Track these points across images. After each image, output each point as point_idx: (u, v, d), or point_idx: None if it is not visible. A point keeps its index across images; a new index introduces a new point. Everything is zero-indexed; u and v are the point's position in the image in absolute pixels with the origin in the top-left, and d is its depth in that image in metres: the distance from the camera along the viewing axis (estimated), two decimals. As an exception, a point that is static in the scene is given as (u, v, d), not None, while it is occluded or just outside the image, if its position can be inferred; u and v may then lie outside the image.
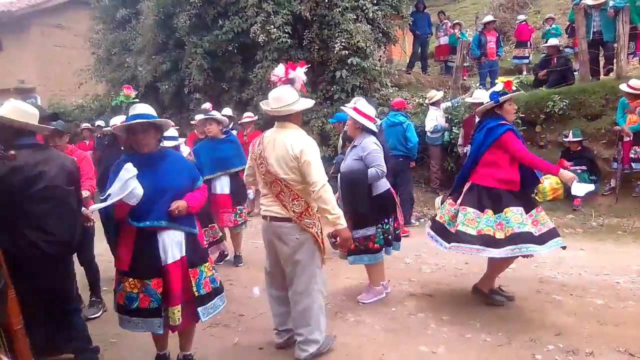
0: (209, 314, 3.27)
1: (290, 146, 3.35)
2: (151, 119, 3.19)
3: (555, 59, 9.65)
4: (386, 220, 4.56)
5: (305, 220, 3.42)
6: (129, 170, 2.97)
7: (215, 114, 5.96)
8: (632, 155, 7.12)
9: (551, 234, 4.06)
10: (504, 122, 4.16)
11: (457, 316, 4.25)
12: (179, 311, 3.12)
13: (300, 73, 3.51)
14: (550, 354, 3.52)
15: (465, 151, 7.64)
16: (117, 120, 5.28)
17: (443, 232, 4.30)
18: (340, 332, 3.97)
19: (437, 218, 4.44)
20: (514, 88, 4.28)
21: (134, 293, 3.09)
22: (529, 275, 5.11)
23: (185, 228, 3.21)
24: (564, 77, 9.31)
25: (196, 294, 3.18)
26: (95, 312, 4.67)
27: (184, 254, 3.17)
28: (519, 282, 4.92)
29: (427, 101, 9.04)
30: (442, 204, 4.67)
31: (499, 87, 4.23)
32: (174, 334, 3.40)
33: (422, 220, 8.12)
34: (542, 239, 4.00)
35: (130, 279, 3.09)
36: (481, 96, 6.85)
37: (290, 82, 3.49)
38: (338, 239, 3.65)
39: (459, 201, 4.28)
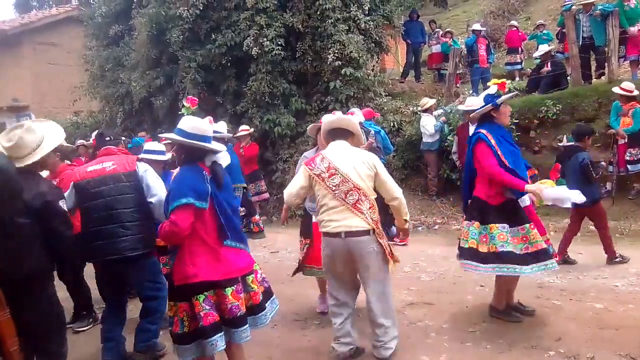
0: None
1: (364, 155, 3.53)
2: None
3: (548, 64, 9.71)
4: None
5: (379, 229, 3.46)
6: None
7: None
8: (628, 158, 7.15)
9: (537, 256, 3.89)
10: (480, 130, 4.03)
11: (457, 324, 4.23)
12: None
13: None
14: (551, 360, 3.50)
15: (456, 159, 7.70)
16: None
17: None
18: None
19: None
20: (506, 89, 4.22)
21: None
22: (527, 281, 5.08)
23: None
24: (557, 82, 9.36)
25: None
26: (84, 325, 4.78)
27: None
28: (518, 287, 4.86)
29: (419, 109, 9.09)
30: None
31: (492, 89, 4.07)
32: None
33: (420, 228, 8.12)
34: (525, 259, 3.87)
35: None
36: (473, 103, 6.87)
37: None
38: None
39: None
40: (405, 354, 3.77)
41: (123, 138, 5.42)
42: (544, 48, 9.99)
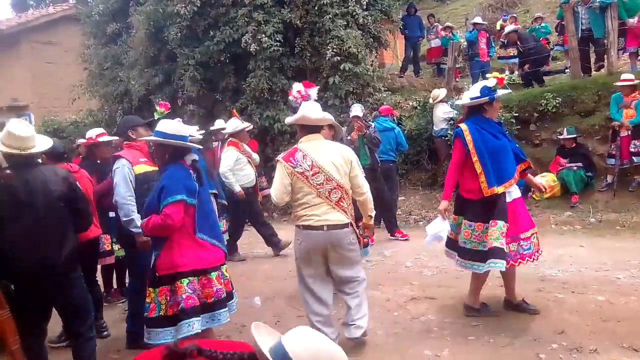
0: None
1: (342, 152, 3.63)
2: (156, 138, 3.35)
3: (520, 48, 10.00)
4: None
5: (353, 223, 3.64)
6: None
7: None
8: (632, 149, 7.14)
9: (491, 253, 3.90)
10: (459, 125, 4.09)
11: (459, 318, 4.23)
12: None
13: (313, 92, 3.87)
14: (554, 353, 3.50)
15: None
16: (93, 132, 5.27)
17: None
18: (342, 338, 3.94)
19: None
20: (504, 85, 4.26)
21: None
22: (529, 274, 5.09)
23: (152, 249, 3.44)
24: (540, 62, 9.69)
25: None
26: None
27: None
28: (520, 281, 4.87)
29: (431, 100, 9.01)
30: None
31: (491, 82, 4.03)
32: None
33: (421, 223, 8.11)
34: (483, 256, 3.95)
35: None
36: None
37: (308, 98, 3.83)
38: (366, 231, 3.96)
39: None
40: (408, 348, 3.78)
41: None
42: (508, 29, 10.42)
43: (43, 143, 3.29)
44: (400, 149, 7.73)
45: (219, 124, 8.38)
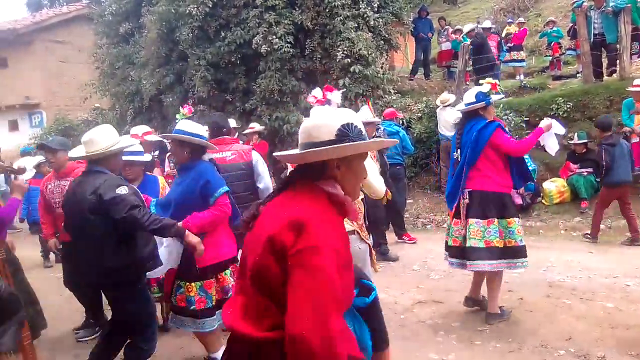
0: (176, 326, 3.56)
1: None
2: (177, 135, 3.44)
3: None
4: None
5: (364, 232, 3.41)
6: None
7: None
8: None
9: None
10: (490, 120, 4.11)
11: (466, 323, 4.22)
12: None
13: (335, 97, 3.76)
14: (561, 359, 3.49)
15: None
16: (139, 130, 5.37)
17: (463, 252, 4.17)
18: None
19: (452, 243, 4.27)
20: (498, 90, 4.36)
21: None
22: (537, 280, 5.08)
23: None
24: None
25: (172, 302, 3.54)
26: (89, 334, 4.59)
27: (175, 265, 3.49)
28: (528, 286, 4.89)
29: (439, 103, 8.97)
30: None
31: (485, 87, 4.16)
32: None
33: (429, 226, 8.11)
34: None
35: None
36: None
37: (327, 103, 3.73)
38: None
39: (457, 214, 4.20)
40: (415, 352, 3.78)
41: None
42: (468, 27, 10.69)
43: (120, 143, 3.28)
44: (405, 152, 7.73)
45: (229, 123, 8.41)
